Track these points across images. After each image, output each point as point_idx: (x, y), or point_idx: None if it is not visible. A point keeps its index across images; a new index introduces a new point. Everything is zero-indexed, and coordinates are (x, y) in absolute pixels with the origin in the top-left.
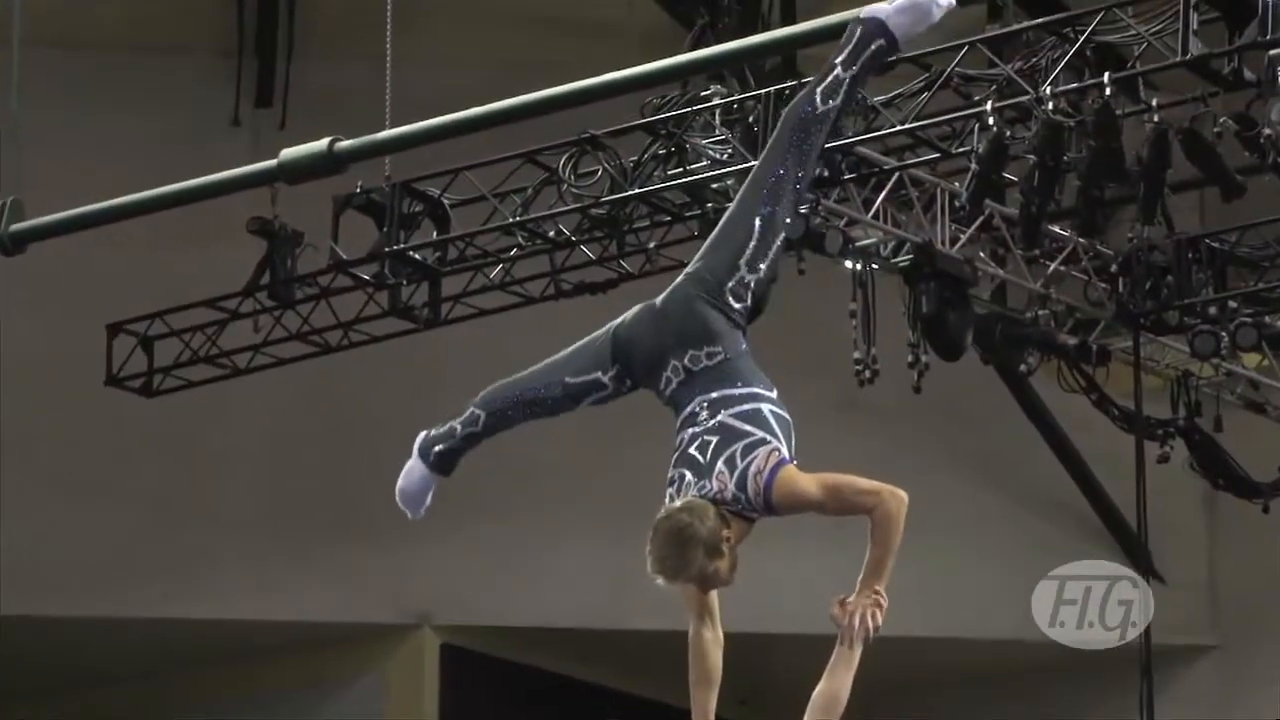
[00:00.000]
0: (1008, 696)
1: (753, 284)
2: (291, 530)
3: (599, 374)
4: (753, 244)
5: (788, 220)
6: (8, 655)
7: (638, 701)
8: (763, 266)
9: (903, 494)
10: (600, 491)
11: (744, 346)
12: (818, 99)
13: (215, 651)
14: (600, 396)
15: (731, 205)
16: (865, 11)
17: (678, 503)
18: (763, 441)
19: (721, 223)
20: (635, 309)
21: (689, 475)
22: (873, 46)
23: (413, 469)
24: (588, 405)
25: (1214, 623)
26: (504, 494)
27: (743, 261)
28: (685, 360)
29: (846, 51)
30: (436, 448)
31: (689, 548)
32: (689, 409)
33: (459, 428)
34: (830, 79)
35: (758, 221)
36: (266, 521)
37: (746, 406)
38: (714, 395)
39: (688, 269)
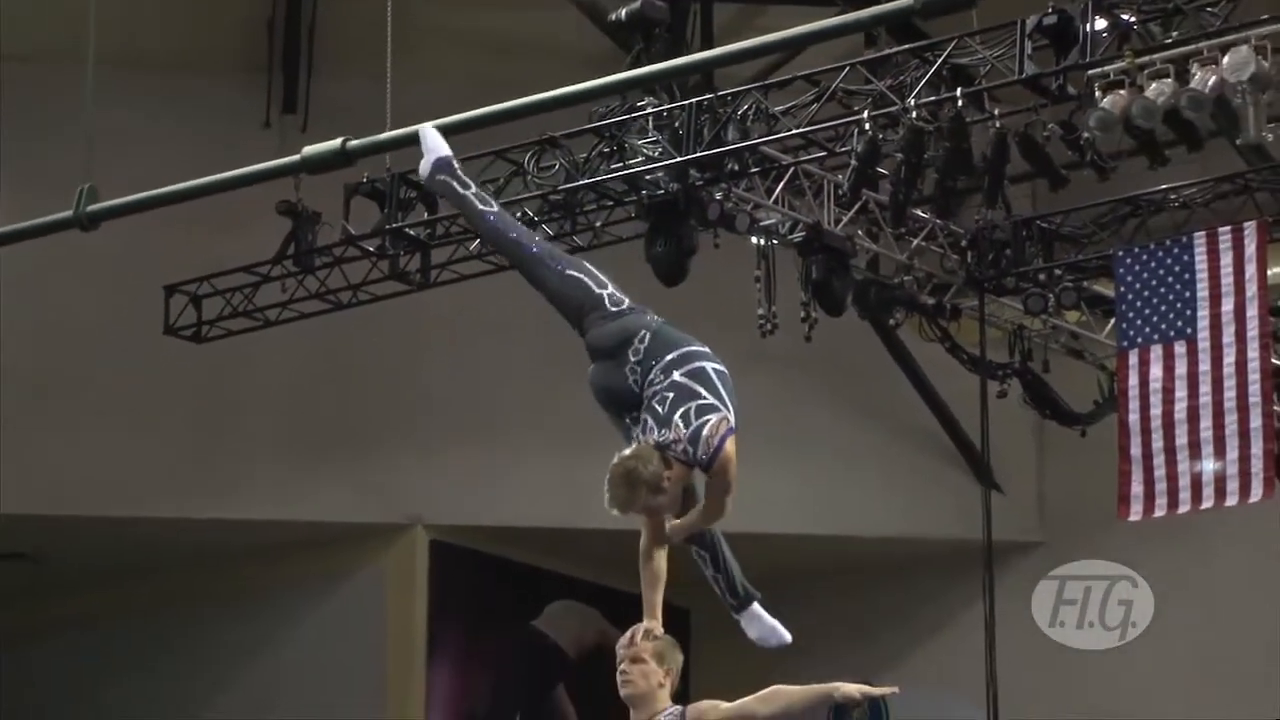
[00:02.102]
0: (875, 583)
1: (614, 289)
2: (307, 448)
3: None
4: (586, 279)
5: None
6: (82, 549)
7: (594, 587)
8: (605, 278)
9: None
10: (564, 416)
11: (658, 318)
12: (478, 208)
13: (244, 547)
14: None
15: (549, 296)
16: (423, 179)
17: (629, 450)
18: (714, 408)
19: (560, 307)
20: (589, 384)
21: (651, 422)
22: (455, 177)
23: None
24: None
25: (1041, 524)
26: (485, 417)
27: (594, 289)
28: (632, 360)
29: (452, 193)
30: None
31: (635, 487)
32: (650, 377)
33: None
34: (472, 203)
35: (569, 272)
36: (287, 441)
37: (691, 365)
38: (665, 360)
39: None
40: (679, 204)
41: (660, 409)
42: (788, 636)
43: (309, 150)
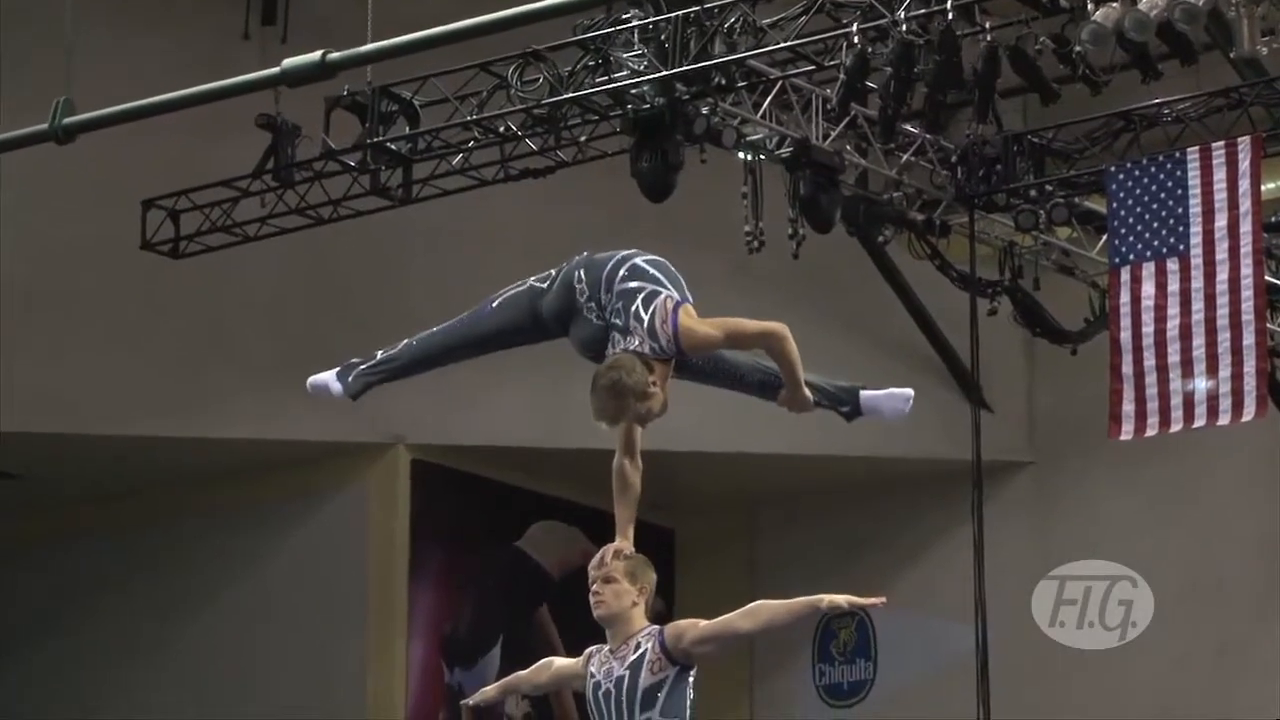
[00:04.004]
0: (862, 503)
1: (534, 277)
2: (288, 365)
3: (609, 350)
4: (509, 292)
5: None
6: (67, 467)
7: (577, 507)
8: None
9: (781, 326)
10: None
11: (582, 255)
12: (400, 350)
13: (225, 465)
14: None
15: (506, 335)
16: (348, 394)
17: (607, 361)
18: (655, 293)
19: (518, 332)
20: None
21: (617, 335)
22: (361, 365)
23: None
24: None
25: (1031, 443)
26: None
27: (520, 289)
28: (583, 301)
29: (375, 371)
30: None
31: (623, 397)
32: (603, 302)
33: None
34: (394, 354)
35: (495, 304)
36: (267, 359)
37: (625, 267)
38: (604, 279)
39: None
40: (665, 118)
41: (620, 320)
42: (909, 390)
43: (289, 63)
